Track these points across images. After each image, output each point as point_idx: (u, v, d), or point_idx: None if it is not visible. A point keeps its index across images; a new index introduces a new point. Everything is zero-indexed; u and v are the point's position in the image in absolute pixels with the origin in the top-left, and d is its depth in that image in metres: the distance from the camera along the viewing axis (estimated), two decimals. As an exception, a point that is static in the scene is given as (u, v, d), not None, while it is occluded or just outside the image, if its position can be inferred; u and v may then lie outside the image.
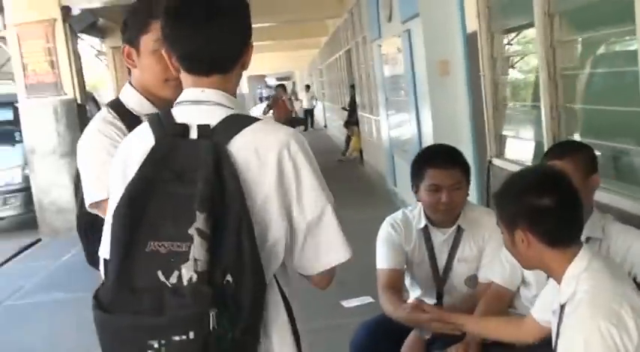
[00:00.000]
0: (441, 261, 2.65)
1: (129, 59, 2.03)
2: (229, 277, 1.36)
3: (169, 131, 1.48)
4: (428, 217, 2.65)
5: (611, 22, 3.00)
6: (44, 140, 8.43)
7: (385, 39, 7.92)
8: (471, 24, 4.59)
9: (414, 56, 6.29)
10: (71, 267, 6.67)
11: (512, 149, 4.32)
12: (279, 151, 1.46)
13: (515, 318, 2.34)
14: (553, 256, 1.81)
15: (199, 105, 1.50)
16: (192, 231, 1.35)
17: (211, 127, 1.46)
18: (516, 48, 4.37)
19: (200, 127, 1.46)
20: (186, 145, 1.45)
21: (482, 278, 2.60)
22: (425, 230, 2.65)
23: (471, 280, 2.63)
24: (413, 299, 2.75)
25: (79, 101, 8.48)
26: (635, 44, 2.62)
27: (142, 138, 1.52)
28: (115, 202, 1.45)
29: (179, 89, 1.58)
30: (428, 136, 6.05)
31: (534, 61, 3.76)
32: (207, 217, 1.35)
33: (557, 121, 3.45)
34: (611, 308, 1.68)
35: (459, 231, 2.62)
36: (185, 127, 1.47)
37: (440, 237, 2.65)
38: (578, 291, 1.75)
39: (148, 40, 1.98)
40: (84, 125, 2.07)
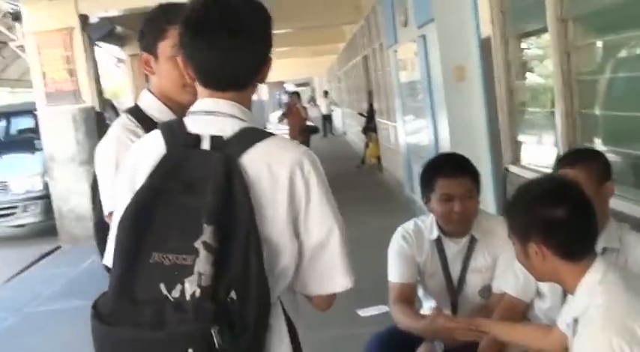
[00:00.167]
0: (455, 272, 2.60)
1: (147, 66, 2.04)
2: (233, 294, 1.32)
3: (181, 141, 1.45)
4: (440, 228, 2.61)
5: (626, 26, 2.95)
6: (63, 148, 8.51)
7: (401, 44, 7.89)
8: (485, 29, 4.55)
9: (429, 61, 6.26)
10: (90, 275, 6.69)
11: (529, 155, 4.27)
12: (291, 169, 1.42)
13: (544, 326, 2.29)
14: (567, 269, 1.77)
15: (212, 116, 1.47)
16: (199, 244, 1.31)
17: (224, 139, 1.43)
18: (531, 53, 4.32)
19: (213, 139, 1.44)
20: (198, 156, 1.43)
21: (495, 289, 2.55)
22: (438, 241, 2.61)
23: (485, 291, 2.58)
24: (431, 309, 2.72)
25: (97, 109, 8.55)
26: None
27: (152, 146, 1.48)
28: (122, 210, 1.42)
29: (197, 95, 1.56)
30: (444, 142, 6.01)
31: (549, 66, 3.71)
32: (214, 230, 1.31)
33: (573, 127, 3.40)
34: (625, 324, 1.63)
35: (472, 241, 2.58)
36: (197, 138, 1.45)
37: (453, 248, 2.61)
38: (591, 305, 1.71)
39: (165, 47, 1.98)
40: (102, 132, 2.08)
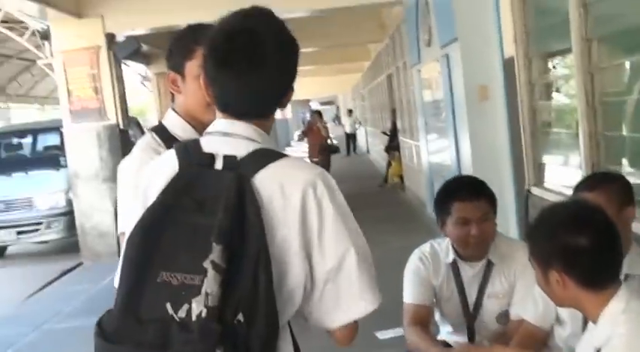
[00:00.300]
0: (471, 297, 2.55)
1: (174, 85, 2.05)
2: (241, 316, 1.29)
3: (195, 160, 1.44)
4: (456, 251, 2.57)
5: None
6: (87, 165, 8.60)
7: (424, 64, 7.87)
8: (509, 49, 4.50)
9: (452, 81, 6.23)
10: (111, 292, 6.52)
11: (552, 178, 4.20)
12: (304, 190, 1.39)
13: None
14: (589, 297, 1.72)
15: (228, 137, 1.46)
16: (207, 264, 1.29)
17: (238, 159, 1.42)
18: (554, 73, 4.26)
19: (226, 158, 1.42)
20: (210, 175, 1.41)
21: (513, 316, 2.50)
22: (454, 265, 2.57)
23: (502, 317, 2.52)
24: (448, 333, 2.67)
25: (121, 126, 8.64)
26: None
27: (166, 165, 1.48)
28: (132, 228, 1.41)
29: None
30: (466, 163, 5.96)
31: (573, 87, 3.65)
32: (223, 249, 1.29)
33: (597, 149, 3.33)
34: None
35: (488, 266, 2.53)
36: (211, 157, 1.43)
37: (469, 272, 2.56)
38: (614, 335, 1.65)
39: (192, 66, 1.99)
40: (126, 150, 2.10)
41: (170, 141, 1.96)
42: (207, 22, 1.89)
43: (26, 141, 11.14)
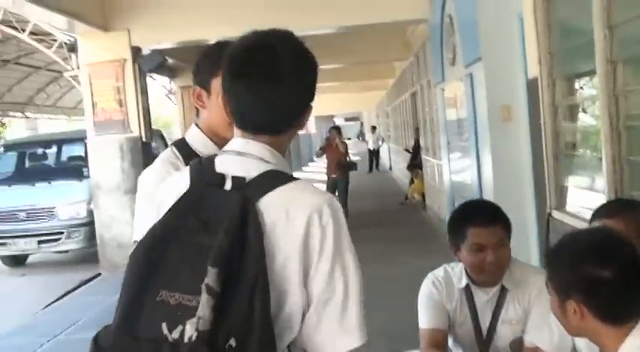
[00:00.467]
0: (484, 323, 2.50)
1: (199, 100, 2.06)
2: (233, 341, 1.27)
3: (206, 179, 1.44)
4: (469, 276, 2.51)
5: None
6: (109, 176, 8.66)
7: (448, 83, 7.82)
8: (533, 70, 4.44)
9: (475, 100, 6.18)
10: None
11: (574, 202, 4.10)
12: (309, 215, 1.37)
13: None
14: (607, 332, 1.64)
15: (241, 156, 1.46)
16: (203, 287, 1.28)
17: (246, 180, 1.41)
18: (578, 95, 4.19)
19: (234, 179, 1.42)
20: (218, 195, 1.40)
21: (528, 343, 2.42)
22: (467, 289, 2.51)
23: (516, 344, 2.46)
24: None
25: (144, 139, 8.69)
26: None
27: (179, 183, 1.48)
28: (136, 244, 1.41)
29: None
30: (488, 183, 5.89)
31: (596, 110, 3.58)
32: (218, 273, 1.27)
33: (620, 174, 3.24)
34: None
35: (502, 291, 2.47)
36: (222, 177, 1.43)
37: (483, 297, 2.50)
38: None
39: (218, 83, 1.98)
40: (148, 162, 2.14)
41: (191, 157, 1.96)
42: (235, 39, 1.91)
43: (51, 152, 11.29)
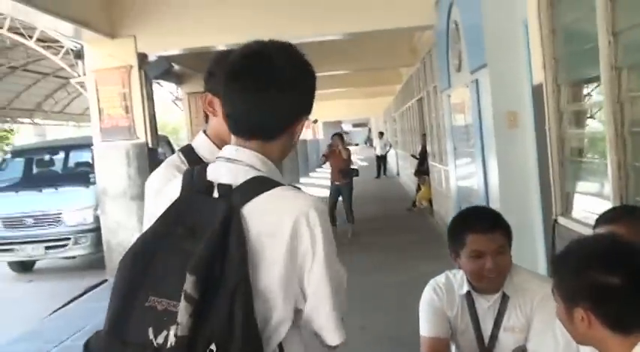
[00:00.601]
0: (486, 330, 2.46)
1: (210, 107, 2.06)
2: (213, 346, 1.29)
3: (196, 186, 1.47)
4: (470, 283, 2.48)
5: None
6: (115, 182, 8.68)
7: (454, 89, 7.80)
8: (538, 75, 4.42)
9: (481, 106, 6.16)
10: None
11: (579, 208, 4.08)
12: (295, 219, 1.39)
13: None
14: (614, 341, 1.61)
15: (231, 163, 1.49)
16: (182, 293, 1.31)
17: (232, 188, 1.43)
18: (583, 101, 4.16)
19: (220, 186, 1.44)
20: (204, 203, 1.43)
21: (531, 351, 2.40)
22: (468, 296, 2.49)
23: (519, 352, 2.43)
24: None
25: (150, 145, 8.71)
26: None
27: (174, 190, 1.52)
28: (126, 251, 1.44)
29: None
30: (494, 189, 5.86)
31: (601, 116, 3.56)
32: (196, 281, 1.29)
33: (625, 180, 3.22)
34: None
35: (504, 298, 2.44)
36: (210, 185, 1.46)
37: (484, 304, 2.47)
38: None
39: None
40: (154, 168, 2.18)
41: (196, 163, 1.98)
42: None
43: (58, 158, 11.32)
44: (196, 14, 8.26)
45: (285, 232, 1.38)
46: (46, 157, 11.25)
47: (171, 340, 1.29)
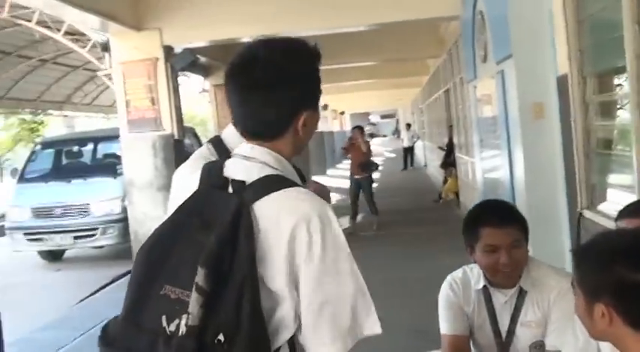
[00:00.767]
0: (503, 325, 2.44)
1: None
2: (221, 336, 1.32)
3: (213, 181, 1.49)
4: (487, 278, 2.45)
5: None
6: (142, 173, 8.75)
7: (480, 80, 7.72)
8: (563, 66, 4.35)
9: (507, 98, 6.09)
10: None
11: (605, 201, 4.01)
12: (296, 223, 1.40)
13: None
14: (636, 339, 1.56)
15: (247, 161, 1.51)
16: (194, 285, 1.34)
17: (245, 184, 1.45)
18: (609, 92, 4.09)
19: (234, 182, 1.46)
20: (221, 197, 1.45)
21: (549, 347, 2.37)
22: (485, 291, 2.46)
23: (537, 347, 2.40)
24: None
25: (176, 136, 8.76)
26: None
27: (193, 184, 1.54)
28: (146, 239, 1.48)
29: None
30: (519, 181, 5.79)
31: (627, 107, 3.49)
32: (207, 273, 1.33)
33: (651, 173, 3.16)
34: None
35: (521, 293, 2.41)
36: (226, 180, 1.48)
37: (501, 299, 2.45)
38: None
39: None
40: (180, 160, 2.16)
41: (224, 154, 2.01)
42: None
43: (86, 149, 11.48)
44: (221, 6, 8.27)
45: (285, 234, 1.39)
46: (75, 149, 11.41)
47: (182, 329, 1.32)
